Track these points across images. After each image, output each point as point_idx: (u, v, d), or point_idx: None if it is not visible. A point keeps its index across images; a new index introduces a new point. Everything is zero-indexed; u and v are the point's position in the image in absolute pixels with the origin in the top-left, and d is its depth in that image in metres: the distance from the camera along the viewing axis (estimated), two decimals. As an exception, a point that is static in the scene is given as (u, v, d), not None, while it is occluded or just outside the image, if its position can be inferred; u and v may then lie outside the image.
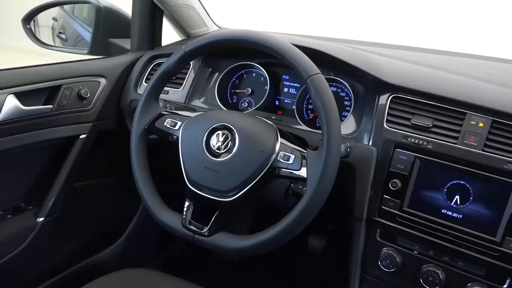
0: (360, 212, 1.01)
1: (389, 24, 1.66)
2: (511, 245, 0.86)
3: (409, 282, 0.98)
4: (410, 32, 1.64)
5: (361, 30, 1.69)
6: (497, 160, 0.88)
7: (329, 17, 1.83)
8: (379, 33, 1.64)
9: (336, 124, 0.82)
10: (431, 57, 1.31)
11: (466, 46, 1.47)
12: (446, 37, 1.54)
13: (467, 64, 1.27)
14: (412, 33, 1.63)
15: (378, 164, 0.99)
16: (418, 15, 1.64)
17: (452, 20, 1.59)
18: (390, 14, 1.67)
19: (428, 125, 0.95)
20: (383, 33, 1.64)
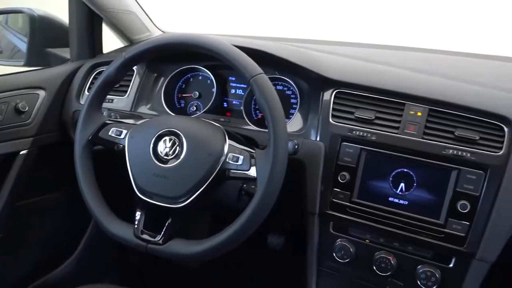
0: (313, 207, 1.02)
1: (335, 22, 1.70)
2: (453, 226, 0.91)
3: (363, 270, 1.01)
4: (357, 28, 1.69)
5: (312, 29, 1.72)
6: (436, 146, 0.92)
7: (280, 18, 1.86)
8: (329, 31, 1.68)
9: (282, 123, 0.83)
10: (372, 52, 1.35)
11: (408, 39, 1.53)
12: (390, 31, 1.61)
13: (407, 57, 1.32)
14: (358, 29, 1.68)
15: (326, 159, 1.01)
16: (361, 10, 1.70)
17: (395, 14, 1.66)
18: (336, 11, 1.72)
19: (371, 118, 0.98)
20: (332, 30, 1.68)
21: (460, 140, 0.91)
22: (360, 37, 1.55)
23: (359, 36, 1.58)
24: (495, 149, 0.89)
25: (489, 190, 0.88)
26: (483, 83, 1.05)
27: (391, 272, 0.98)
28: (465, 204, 0.90)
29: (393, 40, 1.38)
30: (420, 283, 0.95)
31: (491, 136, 0.90)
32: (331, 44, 1.37)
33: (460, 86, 1.02)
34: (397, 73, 1.09)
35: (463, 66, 1.24)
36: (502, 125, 0.90)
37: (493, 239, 0.89)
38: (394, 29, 1.60)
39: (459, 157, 0.90)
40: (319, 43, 1.38)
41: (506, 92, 0.99)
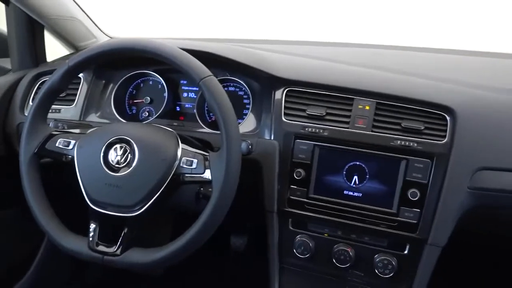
0: (271, 205, 1.03)
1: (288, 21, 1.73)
2: (405, 214, 0.95)
3: (324, 264, 1.04)
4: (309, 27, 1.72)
5: (268, 29, 1.73)
6: (385, 138, 0.95)
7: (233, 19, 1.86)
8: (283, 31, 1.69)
9: (233, 123, 0.83)
10: (322, 50, 1.38)
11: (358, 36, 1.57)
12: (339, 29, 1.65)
13: (355, 54, 1.36)
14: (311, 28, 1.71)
15: (281, 157, 1.02)
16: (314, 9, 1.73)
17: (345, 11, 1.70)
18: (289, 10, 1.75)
19: (322, 114, 1.00)
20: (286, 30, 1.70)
21: (407, 131, 0.95)
22: (312, 35, 1.57)
23: (312, 35, 1.61)
24: (439, 138, 0.93)
25: (436, 178, 0.92)
26: (427, 75, 1.09)
27: (350, 263, 1.00)
28: (415, 192, 0.93)
29: (342, 37, 1.41)
30: (378, 271, 0.98)
31: (435, 126, 0.94)
32: (281, 44, 1.39)
33: (405, 79, 1.06)
34: (345, 69, 1.11)
35: (408, 60, 1.29)
36: (445, 114, 0.94)
37: (442, 224, 0.93)
38: (343, 27, 1.64)
39: (406, 147, 0.94)
40: (270, 43, 1.39)
41: (448, 83, 1.04)
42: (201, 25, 1.86)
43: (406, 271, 0.98)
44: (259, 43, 1.37)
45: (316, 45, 1.37)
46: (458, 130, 0.92)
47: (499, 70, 1.21)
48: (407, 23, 1.64)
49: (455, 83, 1.04)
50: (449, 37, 1.56)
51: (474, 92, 1.01)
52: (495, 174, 0.92)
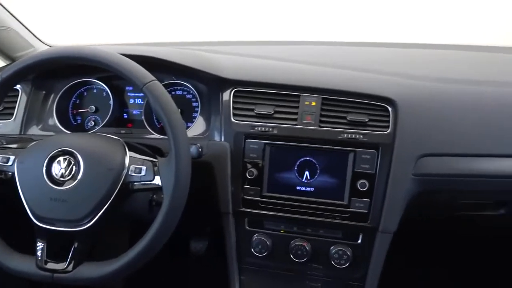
0: (226, 207, 1.03)
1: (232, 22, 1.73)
2: (356, 204, 0.97)
3: (282, 260, 1.05)
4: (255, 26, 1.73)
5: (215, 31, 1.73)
6: (332, 132, 0.98)
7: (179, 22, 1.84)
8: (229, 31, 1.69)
9: (180, 128, 0.82)
10: (267, 49, 1.39)
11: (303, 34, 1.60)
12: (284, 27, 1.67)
13: (300, 51, 1.38)
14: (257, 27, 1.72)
15: (233, 157, 1.02)
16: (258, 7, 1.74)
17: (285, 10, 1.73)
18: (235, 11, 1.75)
19: (270, 112, 1.01)
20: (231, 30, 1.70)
21: (353, 124, 0.97)
22: (257, 35, 1.58)
23: (257, 34, 1.62)
24: (383, 129, 0.96)
25: (382, 167, 0.96)
26: (368, 69, 1.13)
27: (308, 257, 1.02)
28: (364, 182, 0.96)
29: (286, 36, 1.43)
30: (334, 262, 1.01)
31: (379, 117, 0.98)
32: (227, 45, 1.39)
33: (348, 74, 1.09)
34: (290, 67, 1.13)
35: (351, 55, 1.33)
36: (387, 106, 0.98)
37: (391, 211, 0.96)
38: (286, 25, 1.66)
39: (353, 140, 0.96)
40: (216, 45, 1.39)
41: (388, 76, 1.08)
42: (145, 30, 1.83)
43: (361, 260, 1.01)
44: (204, 45, 1.37)
45: (261, 44, 1.38)
46: (400, 120, 0.96)
47: (435, 60, 1.27)
48: (348, 19, 1.68)
49: (395, 75, 1.08)
50: (386, 30, 1.63)
51: (413, 83, 1.06)
52: (436, 160, 0.97)
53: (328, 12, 1.69)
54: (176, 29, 1.82)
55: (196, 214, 1.51)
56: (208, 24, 1.74)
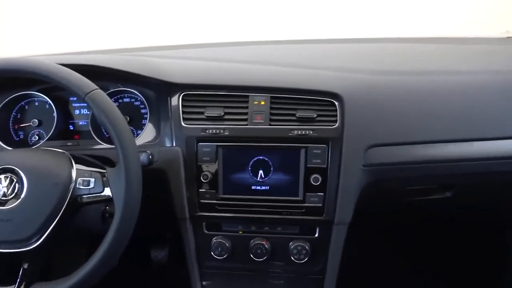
0: (182, 212, 1.02)
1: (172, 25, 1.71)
2: (311, 199, 0.99)
3: (243, 261, 1.05)
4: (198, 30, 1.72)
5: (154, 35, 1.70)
6: (282, 130, 0.99)
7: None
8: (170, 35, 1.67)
9: (127, 136, 0.80)
10: (214, 51, 1.39)
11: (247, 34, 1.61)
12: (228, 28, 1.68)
13: (247, 52, 1.39)
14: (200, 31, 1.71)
15: (186, 162, 1.01)
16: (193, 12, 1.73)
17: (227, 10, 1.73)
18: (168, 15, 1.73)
19: (221, 114, 1.01)
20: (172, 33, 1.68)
21: (302, 120, 0.99)
22: (203, 37, 1.57)
23: (202, 37, 1.61)
24: (331, 123, 0.99)
25: (334, 161, 0.98)
26: (314, 65, 1.15)
27: (268, 255, 1.03)
28: (317, 177, 0.98)
29: (232, 37, 1.43)
30: (294, 258, 1.02)
31: (326, 112, 1.00)
32: (173, 49, 1.37)
33: (294, 72, 1.11)
34: (238, 68, 1.13)
35: (297, 52, 1.35)
36: (333, 100, 1.00)
37: (345, 203, 0.99)
38: (230, 26, 1.67)
39: (303, 136, 0.98)
40: (161, 49, 1.37)
41: (333, 71, 1.11)
42: (92, 37, 1.77)
43: (320, 253, 1.03)
44: (150, 50, 1.35)
45: (208, 47, 1.37)
46: (347, 113, 0.99)
47: (377, 54, 1.31)
48: (291, 16, 1.71)
49: (340, 70, 1.11)
50: (330, 27, 1.67)
51: (357, 77, 1.09)
52: (384, 150, 1.00)
53: (273, 11, 1.71)
54: (123, 35, 1.78)
55: (154, 222, 1.48)
56: (152, 28, 1.71)
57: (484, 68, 1.17)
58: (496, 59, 1.26)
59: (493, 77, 1.11)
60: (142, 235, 1.47)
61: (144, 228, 0.83)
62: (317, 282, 1.05)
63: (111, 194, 0.81)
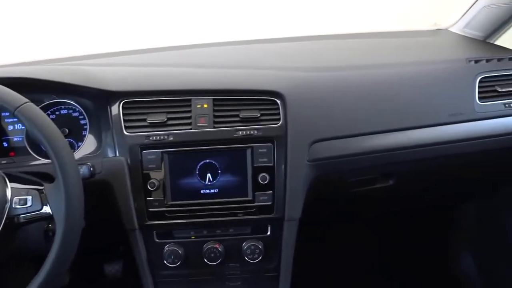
0: (131, 223, 1.00)
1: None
2: (260, 198, 1.00)
3: (197, 266, 1.04)
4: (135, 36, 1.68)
5: None
6: (227, 131, 0.99)
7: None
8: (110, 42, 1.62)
9: (64, 149, 0.77)
10: (154, 56, 1.36)
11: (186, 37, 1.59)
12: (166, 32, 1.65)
13: (186, 55, 1.37)
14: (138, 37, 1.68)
15: (131, 171, 0.99)
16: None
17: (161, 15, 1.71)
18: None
19: (164, 120, 0.99)
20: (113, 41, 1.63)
21: (246, 121, 1.00)
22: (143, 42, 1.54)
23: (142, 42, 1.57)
24: (275, 122, 1.00)
25: (279, 158, 0.99)
26: (255, 65, 1.17)
27: (221, 258, 1.03)
28: (264, 176, 0.99)
29: (170, 41, 1.41)
30: (248, 258, 1.02)
31: (269, 111, 1.01)
32: (110, 56, 1.33)
33: (236, 73, 1.12)
34: (178, 72, 1.12)
35: (237, 53, 1.35)
36: (276, 99, 1.02)
37: (293, 199, 1.01)
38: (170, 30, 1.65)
39: (248, 136, 0.99)
40: (98, 57, 1.32)
41: (274, 70, 1.12)
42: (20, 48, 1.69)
43: (273, 251, 1.04)
44: (86, 59, 1.30)
45: (146, 52, 1.35)
46: (289, 111, 1.00)
47: (317, 51, 1.34)
48: (230, 18, 1.72)
49: (280, 69, 1.13)
50: (268, 27, 1.69)
51: (297, 75, 1.11)
52: (327, 144, 1.03)
53: (212, 13, 1.71)
54: (56, 43, 1.71)
55: (105, 235, 1.44)
56: (88, 36, 1.66)
57: (416, 59, 1.23)
58: (427, 50, 1.33)
59: (425, 67, 1.17)
60: (94, 250, 1.42)
61: (95, 242, 0.80)
62: (272, 280, 1.06)
63: (51, 211, 0.78)
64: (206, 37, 1.65)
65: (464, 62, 1.18)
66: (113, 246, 1.55)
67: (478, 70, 1.15)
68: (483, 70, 1.15)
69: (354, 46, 1.40)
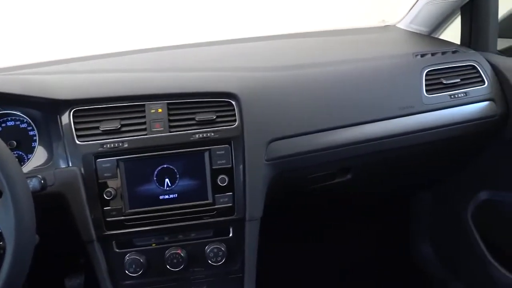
0: (88, 235, 0.96)
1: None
2: (221, 200, 1.00)
3: (160, 274, 1.02)
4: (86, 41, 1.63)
5: None
6: (183, 135, 0.98)
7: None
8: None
9: (9, 162, 0.74)
10: (104, 61, 1.32)
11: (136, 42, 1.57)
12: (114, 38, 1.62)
13: (138, 60, 1.34)
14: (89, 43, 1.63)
15: (86, 181, 0.96)
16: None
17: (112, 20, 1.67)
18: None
19: (117, 127, 0.97)
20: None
21: (202, 124, 0.99)
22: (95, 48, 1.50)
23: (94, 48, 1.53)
24: (231, 123, 1.00)
25: (238, 159, 0.99)
26: (209, 67, 1.17)
27: (185, 263, 1.01)
28: (223, 178, 0.99)
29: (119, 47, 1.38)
30: (211, 261, 1.02)
31: (225, 113, 1.01)
32: (60, 63, 1.28)
33: (189, 76, 1.11)
34: (130, 77, 1.10)
35: (190, 56, 1.34)
36: (230, 100, 1.02)
37: (254, 199, 1.01)
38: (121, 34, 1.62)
39: (205, 138, 0.98)
40: (47, 65, 1.27)
41: (228, 71, 1.13)
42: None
43: (236, 252, 1.04)
44: (33, 67, 1.25)
45: (96, 58, 1.31)
46: (245, 112, 1.00)
47: (270, 51, 1.36)
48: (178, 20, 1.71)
49: (234, 70, 1.13)
50: (220, 28, 1.69)
51: (251, 75, 1.12)
52: (284, 142, 1.04)
53: (162, 16, 1.69)
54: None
55: (63, 249, 1.39)
56: (33, 44, 1.59)
57: (366, 56, 1.26)
58: (376, 46, 1.37)
59: (375, 63, 1.21)
60: (53, 264, 1.37)
61: (53, 257, 0.77)
62: (237, 281, 1.06)
63: (0, 228, 0.74)
64: (159, 40, 1.63)
65: (411, 56, 1.22)
66: (73, 259, 1.50)
67: (424, 64, 1.19)
68: (429, 64, 1.20)
69: (307, 45, 1.43)
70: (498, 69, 1.23)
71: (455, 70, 1.22)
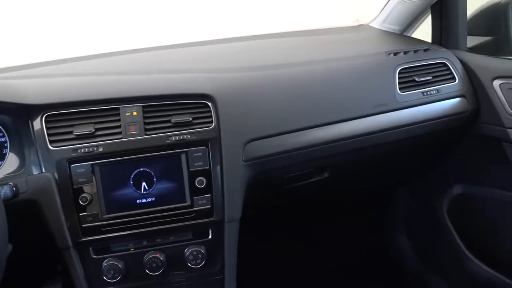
0: (64, 242, 0.95)
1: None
2: (199, 202, 0.99)
3: (139, 279, 1.02)
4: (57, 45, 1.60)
5: None
6: (160, 138, 0.97)
7: None
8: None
9: None
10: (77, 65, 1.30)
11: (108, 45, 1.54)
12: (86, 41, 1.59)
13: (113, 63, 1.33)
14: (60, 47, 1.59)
15: (60, 188, 0.94)
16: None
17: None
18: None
19: (91, 131, 0.95)
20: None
21: (178, 126, 0.98)
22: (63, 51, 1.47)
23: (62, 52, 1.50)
24: (208, 124, 1.00)
25: (215, 161, 0.99)
26: (184, 69, 1.16)
27: (164, 267, 1.01)
28: (201, 180, 0.98)
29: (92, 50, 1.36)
30: (191, 264, 1.01)
31: (201, 114, 1.00)
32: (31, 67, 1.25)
33: (164, 78, 1.10)
34: (103, 80, 1.08)
35: (166, 58, 1.33)
36: (206, 102, 1.01)
37: (232, 200, 1.01)
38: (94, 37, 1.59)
39: (182, 140, 0.97)
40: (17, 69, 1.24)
41: (204, 73, 1.12)
42: None
43: (216, 254, 1.04)
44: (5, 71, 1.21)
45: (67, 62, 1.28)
46: (221, 113, 1.00)
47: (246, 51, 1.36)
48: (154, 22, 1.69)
49: (210, 72, 1.12)
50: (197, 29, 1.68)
51: (227, 76, 1.11)
52: (261, 143, 1.04)
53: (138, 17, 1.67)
54: None
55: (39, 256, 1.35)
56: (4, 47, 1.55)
57: (341, 55, 1.28)
58: (350, 46, 1.39)
59: (349, 62, 1.23)
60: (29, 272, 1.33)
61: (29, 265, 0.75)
62: (218, 283, 1.06)
63: None
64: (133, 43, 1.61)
65: (384, 55, 1.24)
66: (49, 266, 1.47)
67: (397, 62, 1.22)
68: (401, 62, 1.22)
69: (282, 45, 1.43)
70: (468, 66, 1.27)
71: (427, 67, 1.24)
